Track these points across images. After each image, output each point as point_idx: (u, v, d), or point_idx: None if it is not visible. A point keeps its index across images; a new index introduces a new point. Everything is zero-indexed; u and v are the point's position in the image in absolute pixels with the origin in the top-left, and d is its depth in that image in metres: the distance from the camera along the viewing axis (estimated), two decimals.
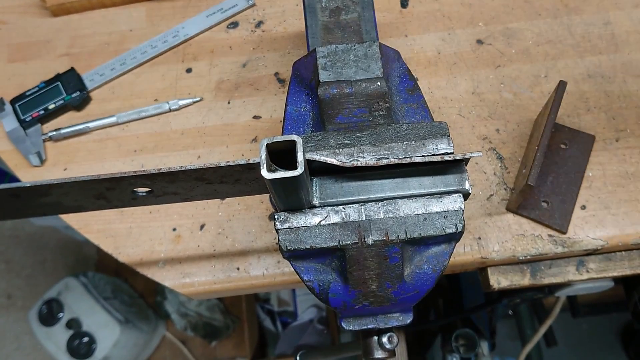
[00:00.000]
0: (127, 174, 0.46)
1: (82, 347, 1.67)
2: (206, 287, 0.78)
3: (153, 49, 0.92)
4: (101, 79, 0.91)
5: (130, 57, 0.92)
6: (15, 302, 1.97)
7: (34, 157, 0.87)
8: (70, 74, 0.91)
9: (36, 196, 0.49)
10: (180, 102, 0.88)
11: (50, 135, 0.88)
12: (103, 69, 0.91)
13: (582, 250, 0.76)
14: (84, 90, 0.90)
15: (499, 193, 0.80)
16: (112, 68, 0.91)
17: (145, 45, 0.92)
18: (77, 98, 0.89)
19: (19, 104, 0.90)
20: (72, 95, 0.89)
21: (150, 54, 0.92)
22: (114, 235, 0.82)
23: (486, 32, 0.90)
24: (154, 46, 0.92)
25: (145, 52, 0.92)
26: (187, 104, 0.89)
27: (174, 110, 0.89)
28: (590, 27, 0.89)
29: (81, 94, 0.89)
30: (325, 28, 0.68)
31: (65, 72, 0.91)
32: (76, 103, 0.89)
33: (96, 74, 0.91)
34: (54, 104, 0.89)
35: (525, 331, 1.41)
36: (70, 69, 0.91)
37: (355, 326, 0.57)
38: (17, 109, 0.89)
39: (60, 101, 0.89)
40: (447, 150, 0.53)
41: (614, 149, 0.81)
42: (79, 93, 0.89)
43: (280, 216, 0.51)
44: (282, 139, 0.41)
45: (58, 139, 0.89)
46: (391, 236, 0.50)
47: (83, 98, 0.90)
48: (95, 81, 0.91)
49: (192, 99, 0.89)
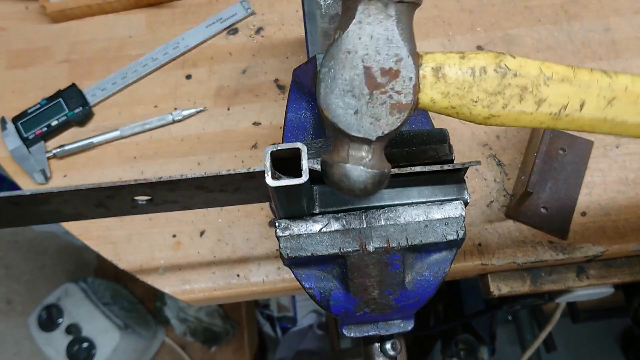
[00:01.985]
0: (128, 183, 0.46)
1: (82, 353, 1.66)
2: (206, 294, 0.78)
3: (154, 62, 0.92)
4: (103, 94, 0.91)
5: (132, 71, 0.92)
6: (14, 308, 1.97)
7: (38, 175, 0.86)
8: (72, 90, 0.90)
9: (36, 204, 0.49)
10: (183, 113, 0.88)
11: (55, 153, 0.87)
12: (104, 83, 0.91)
13: (583, 257, 0.76)
14: (86, 106, 0.89)
15: (499, 200, 0.79)
16: (113, 82, 0.91)
17: (146, 58, 0.92)
18: (80, 114, 0.89)
19: (21, 122, 0.89)
20: (75, 111, 0.89)
21: (151, 66, 0.92)
22: (114, 242, 0.82)
23: (486, 38, 0.90)
24: (154, 59, 0.92)
25: (146, 65, 0.92)
26: (190, 115, 0.88)
27: (177, 122, 0.88)
28: (590, 33, 0.89)
29: (84, 110, 0.89)
30: (325, 34, 0.68)
31: (67, 88, 0.90)
32: (79, 119, 0.89)
33: (98, 89, 0.91)
34: (56, 121, 0.88)
35: (525, 336, 1.41)
36: (72, 84, 0.90)
37: (356, 333, 0.57)
38: (19, 127, 0.89)
39: (62, 117, 0.88)
40: (447, 157, 0.53)
41: (615, 156, 0.81)
42: (81, 108, 0.89)
43: (281, 223, 0.50)
44: (286, 146, 0.41)
45: (62, 156, 0.88)
46: (392, 243, 0.50)
47: (85, 113, 0.89)
48: (97, 96, 0.91)
49: (195, 109, 0.88)
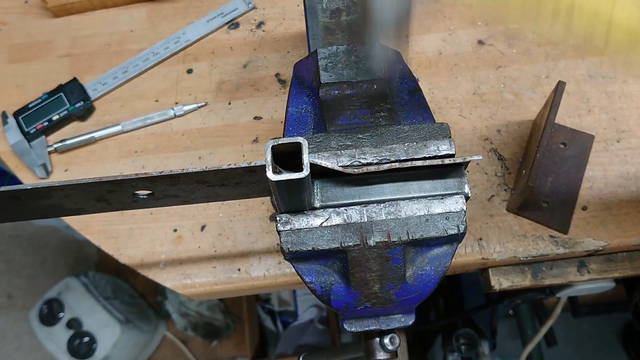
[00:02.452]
0: (129, 177, 0.46)
1: (83, 347, 1.67)
2: (207, 288, 0.78)
3: (155, 56, 0.92)
4: (104, 88, 0.91)
5: (133, 65, 0.91)
6: (15, 302, 1.97)
7: (39, 169, 0.86)
8: (73, 84, 0.90)
9: (37, 199, 0.49)
10: (185, 108, 0.88)
11: (56, 147, 0.87)
12: (105, 77, 0.91)
13: (584, 251, 0.76)
14: (87, 100, 0.89)
15: (500, 194, 0.79)
16: (114, 77, 0.91)
17: (147, 52, 0.92)
18: (81, 108, 0.89)
19: (22, 117, 0.89)
20: (76, 105, 0.88)
21: (152, 61, 0.91)
22: (115, 236, 0.82)
23: (487, 32, 0.90)
24: (155, 53, 0.92)
25: (147, 59, 0.92)
26: (191, 110, 0.88)
27: (179, 117, 0.88)
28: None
29: (85, 104, 0.89)
30: (326, 29, 0.67)
31: (68, 83, 0.90)
32: (80, 113, 0.89)
33: (99, 83, 0.91)
34: (57, 115, 0.88)
35: (526, 331, 1.41)
36: (73, 79, 0.90)
37: (357, 328, 0.57)
38: (20, 121, 0.89)
39: (64, 112, 0.88)
40: (448, 151, 0.53)
41: (615, 150, 0.81)
42: (82, 103, 0.89)
43: (282, 218, 0.50)
44: (287, 140, 0.41)
45: (63, 151, 0.88)
46: (393, 237, 0.50)
47: (87, 108, 0.89)
48: (98, 90, 0.90)
49: (197, 104, 0.88)
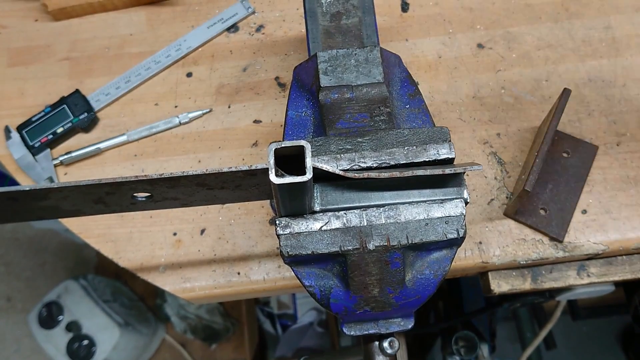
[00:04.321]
0: (128, 179, 0.46)
1: (82, 350, 1.66)
2: (207, 292, 0.78)
3: (157, 65, 0.92)
4: (107, 99, 0.90)
5: (135, 74, 0.91)
6: (15, 305, 1.97)
7: (46, 183, 0.85)
8: (76, 96, 0.90)
9: (34, 200, 0.48)
10: (190, 115, 0.88)
11: (62, 160, 0.86)
12: (108, 88, 0.91)
13: (583, 255, 0.76)
14: (91, 112, 0.89)
15: (499, 198, 0.79)
16: (117, 87, 0.91)
17: (148, 61, 0.92)
18: (85, 120, 0.88)
19: (25, 130, 0.88)
20: (80, 117, 0.88)
21: (154, 69, 0.91)
22: (114, 240, 0.82)
23: (487, 36, 0.90)
24: (157, 61, 0.92)
25: (149, 68, 0.92)
26: (196, 117, 0.88)
27: (184, 124, 0.88)
28: (591, 31, 0.89)
29: (89, 115, 0.88)
30: (326, 32, 0.68)
31: (71, 95, 0.90)
32: (84, 125, 0.88)
33: (102, 94, 0.90)
34: (62, 128, 0.88)
35: (526, 334, 1.41)
36: (75, 90, 0.90)
37: (356, 331, 0.57)
38: (24, 135, 0.88)
39: (68, 124, 0.88)
40: (448, 155, 0.53)
41: (615, 153, 0.81)
42: (86, 114, 0.88)
43: (281, 221, 0.50)
44: (290, 144, 0.41)
45: (69, 163, 0.88)
46: (392, 241, 0.50)
47: (91, 119, 0.89)
48: (102, 101, 0.90)
49: (202, 110, 0.88)
